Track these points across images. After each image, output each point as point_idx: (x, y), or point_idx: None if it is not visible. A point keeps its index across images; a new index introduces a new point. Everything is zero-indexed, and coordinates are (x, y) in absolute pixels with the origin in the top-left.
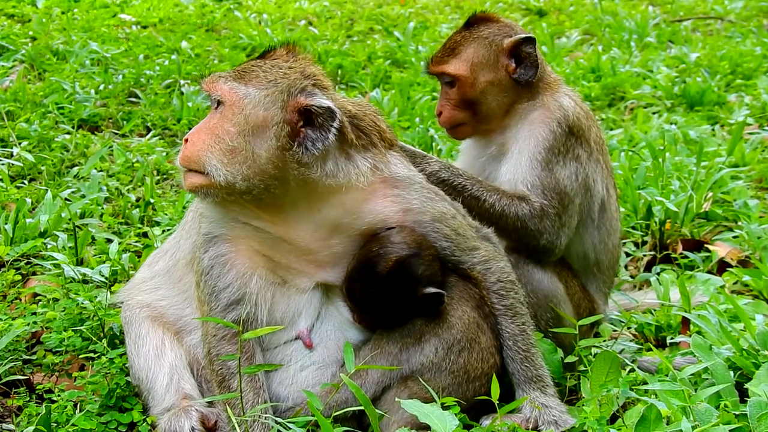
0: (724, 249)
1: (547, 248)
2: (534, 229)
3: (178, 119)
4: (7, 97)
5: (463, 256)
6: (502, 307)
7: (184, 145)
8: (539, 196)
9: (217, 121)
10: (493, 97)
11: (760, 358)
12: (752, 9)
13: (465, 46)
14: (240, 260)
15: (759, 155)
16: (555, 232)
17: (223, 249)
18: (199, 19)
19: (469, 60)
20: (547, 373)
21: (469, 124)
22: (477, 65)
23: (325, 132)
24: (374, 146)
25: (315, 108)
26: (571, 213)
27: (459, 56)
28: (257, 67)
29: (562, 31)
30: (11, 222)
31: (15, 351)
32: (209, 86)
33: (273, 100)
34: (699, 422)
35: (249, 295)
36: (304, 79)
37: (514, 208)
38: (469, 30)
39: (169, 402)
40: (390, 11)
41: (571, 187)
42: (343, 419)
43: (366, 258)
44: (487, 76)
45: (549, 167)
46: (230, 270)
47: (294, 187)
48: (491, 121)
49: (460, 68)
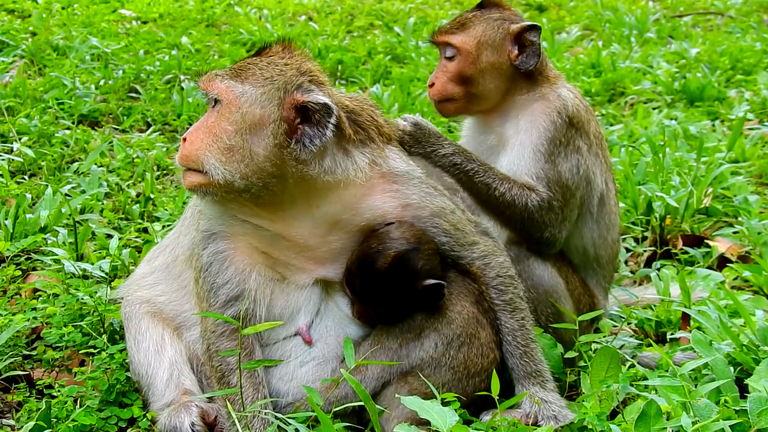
0: (725, 244)
1: (550, 241)
2: (540, 221)
3: (179, 115)
4: (7, 92)
5: (462, 251)
6: (502, 302)
7: (182, 144)
8: (544, 188)
9: (214, 119)
10: (490, 80)
11: (760, 354)
12: (752, 4)
13: (475, 24)
14: (239, 257)
15: (759, 151)
16: (558, 225)
17: (221, 246)
18: (199, 14)
19: (477, 37)
20: (546, 368)
21: (459, 101)
22: (483, 44)
23: (322, 128)
24: (372, 141)
25: (312, 104)
26: (572, 206)
27: (467, 31)
28: (253, 65)
29: (562, 27)
30: (11, 217)
31: (15, 346)
32: (206, 85)
33: (270, 97)
34: (699, 418)
35: (248, 291)
36: (301, 76)
37: (524, 199)
38: (481, 11)
39: (169, 397)
40: (390, 7)
41: (573, 180)
42: (343, 415)
43: (365, 253)
44: (490, 57)
45: (552, 159)
46: (229, 267)
47: (292, 184)
48: (482, 103)
49: (467, 42)
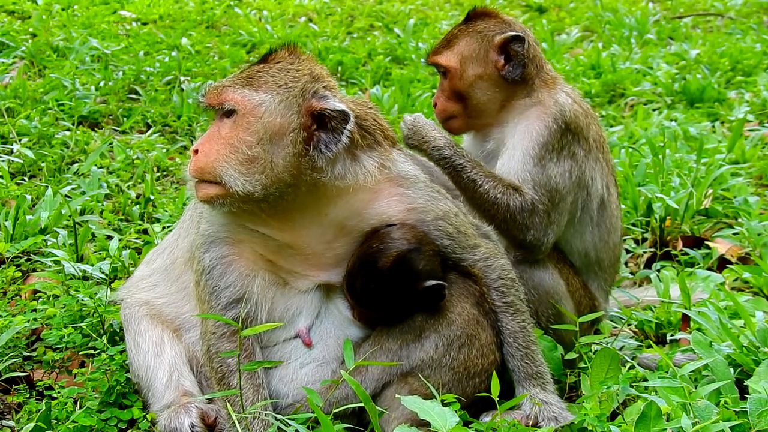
0: (725, 246)
1: (533, 244)
2: (522, 223)
3: (179, 116)
4: (7, 93)
5: (464, 254)
6: (503, 304)
7: (194, 156)
8: (530, 190)
9: (229, 130)
10: (482, 92)
11: (760, 355)
12: (752, 5)
13: (459, 39)
14: (242, 262)
15: (759, 152)
16: (542, 229)
17: (225, 251)
18: (199, 15)
19: (460, 53)
20: (547, 370)
21: (460, 117)
22: (466, 58)
23: (337, 135)
24: (379, 145)
25: (329, 111)
26: (561, 211)
27: (452, 48)
28: (264, 72)
29: (562, 28)
30: (11, 219)
31: (15, 348)
32: (217, 97)
33: (288, 105)
34: (699, 419)
35: (250, 295)
36: (315, 82)
37: (506, 198)
38: (467, 24)
39: (169, 399)
40: (390, 8)
41: (564, 184)
42: (343, 416)
43: (366, 254)
44: (475, 70)
45: (541, 163)
46: (233, 271)
47: (304, 191)
48: (482, 116)
49: (450, 60)
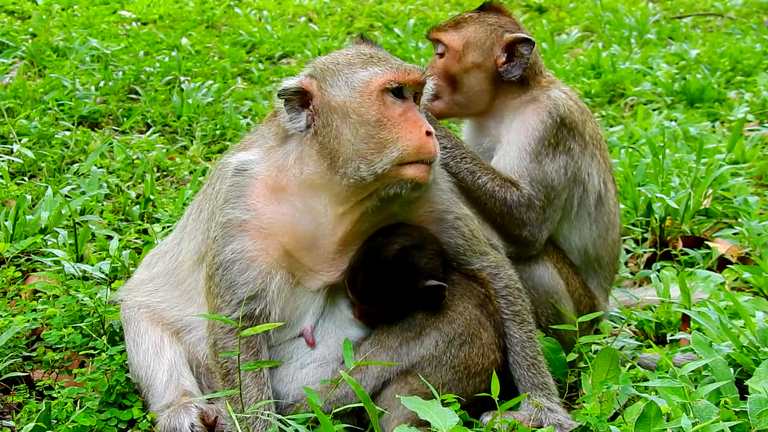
0: (724, 246)
1: (528, 240)
2: (518, 218)
3: (178, 116)
4: (7, 93)
5: (473, 258)
6: (511, 313)
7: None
8: (527, 185)
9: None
10: (474, 81)
11: (760, 355)
12: (752, 5)
13: (468, 24)
14: (265, 258)
15: (759, 152)
16: (537, 224)
17: (249, 245)
18: (199, 15)
19: (466, 37)
20: (552, 381)
21: (444, 100)
22: (470, 44)
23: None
24: None
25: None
26: (555, 207)
27: (458, 30)
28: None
29: (562, 28)
30: (11, 219)
31: (15, 348)
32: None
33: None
34: (699, 419)
35: (266, 293)
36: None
37: (504, 192)
38: (479, 13)
39: (169, 399)
40: (390, 8)
41: (559, 180)
42: (343, 415)
43: (370, 247)
44: (475, 58)
45: (538, 159)
46: (254, 268)
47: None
48: (466, 106)
49: (454, 40)
